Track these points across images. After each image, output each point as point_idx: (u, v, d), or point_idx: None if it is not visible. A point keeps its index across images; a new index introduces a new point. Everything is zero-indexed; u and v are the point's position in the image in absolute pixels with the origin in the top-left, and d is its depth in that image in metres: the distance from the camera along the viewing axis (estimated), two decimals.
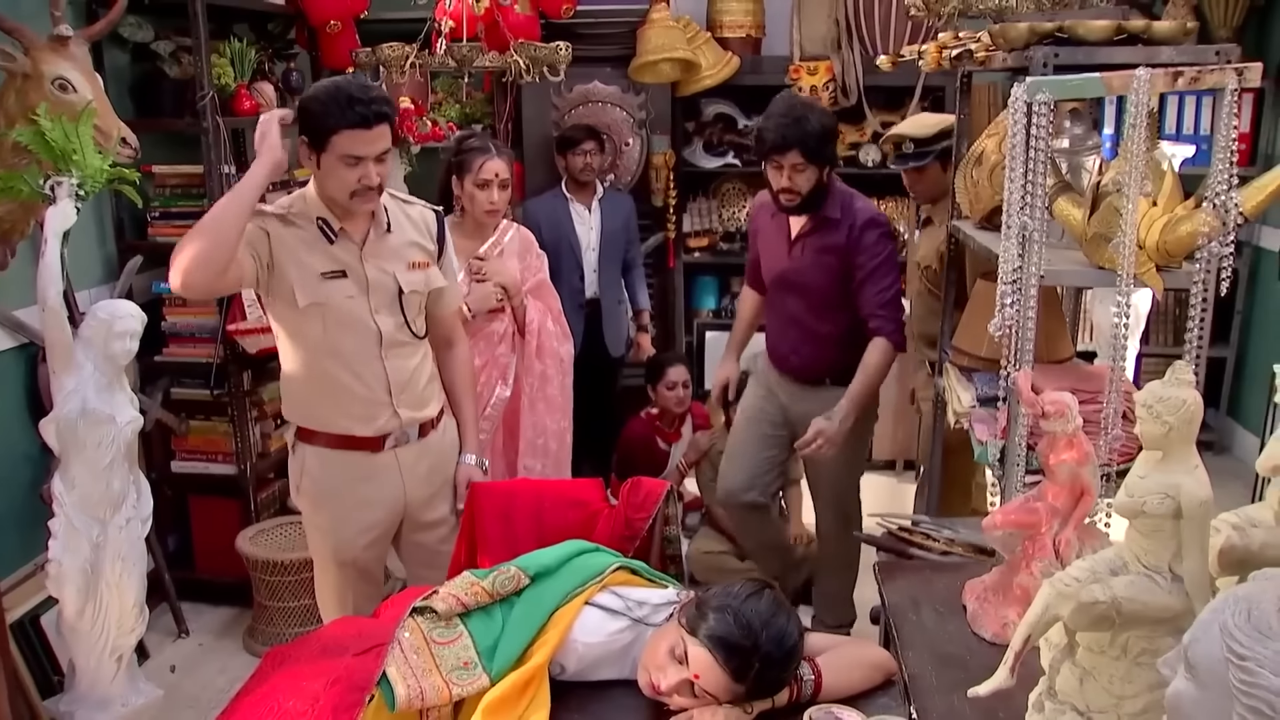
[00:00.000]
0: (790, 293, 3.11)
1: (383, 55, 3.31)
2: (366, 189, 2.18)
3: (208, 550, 3.71)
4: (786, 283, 3.11)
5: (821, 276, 3.03)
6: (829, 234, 2.99)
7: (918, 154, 3.29)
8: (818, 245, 3.01)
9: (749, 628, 1.62)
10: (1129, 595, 1.46)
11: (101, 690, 2.74)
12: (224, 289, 2.33)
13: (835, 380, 3.07)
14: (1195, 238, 1.99)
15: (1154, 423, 1.48)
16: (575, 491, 2.25)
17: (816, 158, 2.86)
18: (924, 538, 2.61)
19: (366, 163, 2.15)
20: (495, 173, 2.94)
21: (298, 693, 1.58)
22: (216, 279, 2.09)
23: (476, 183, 2.93)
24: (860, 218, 2.96)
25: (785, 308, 3.15)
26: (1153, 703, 1.50)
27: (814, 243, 3.01)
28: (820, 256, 3.01)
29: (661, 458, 4.01)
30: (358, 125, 2.12)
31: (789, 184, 2.90)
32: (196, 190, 3.46)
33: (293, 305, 2.24)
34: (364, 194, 2.20)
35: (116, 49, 3.50)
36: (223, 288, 2.27)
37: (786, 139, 2.83)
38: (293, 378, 2.37)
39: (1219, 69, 1.94)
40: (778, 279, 3.15)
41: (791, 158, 2.85)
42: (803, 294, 3.08)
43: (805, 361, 3.14)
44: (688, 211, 5.03)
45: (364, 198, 2.21)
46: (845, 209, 2.97)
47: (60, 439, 2.56)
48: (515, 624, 1.72)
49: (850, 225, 2.95)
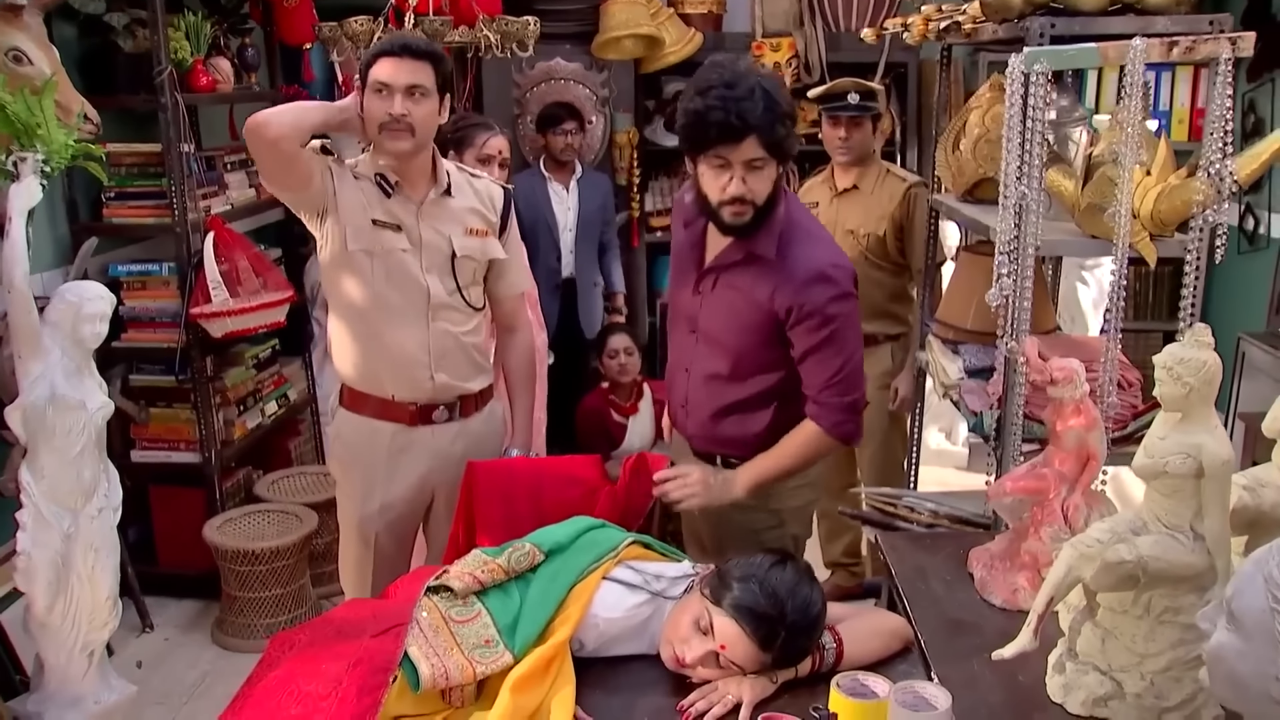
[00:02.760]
0: (688, 333, 2.23)
1: (349, 29, 3.23)
2: (394, 121, 2.18)
3: (171, 542, 3.60)
4: (685, 320, 2.25)
5: (731, 329, 2.14)
6: (753, 277, 2.08)
7: (861, 106, 3.20)
8: (734, 287, 2.11)
9: (775, 596, 1.61)
10: (1154, 554, 1.48)
11: (72, 688, 2.65)
12: (296, 171, 2.22)
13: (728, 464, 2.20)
14: (1190, 206, 2.03)
15: (1174, 384, 1.50)
16: (574, 469, 2.22)
17: (780, 151, 1.98)
18: (909, 511, 2.63)
19: (394, 94, 2.17)
20: (498, 149, 2.90)
21: (317, 676, 1.53)
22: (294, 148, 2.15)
23: (479, 158, 2.88)
24: (803, 270, 2.03)
25: (681, 347, 2.28)
26: (1176, 660, 1.52)
27: (730, 281, 2.12)
28: (734, 302, 2.12)
29: (618, 431, 3.96)
30: (388, 53, 2.18)
31: (742, 190, 1.97)
32: (154, 169, 3.35)
33: (344, 249, 2.26)
34: (393, 128, 2.19)
35: (64, 21, 3.35)
36: (296, 168, 2.21)
37: (742, 120, 1.91)
38: (338, 330, 2.37)
39: (1213, 38, 1.97)
40: (676, 311, 2.32)
41: (747, 149, 1.93)
42: (707, 342, 2.19)
43: (696, 427, 2.26)
44: (649, 190, 5.00)
45: (394, 134, 2.19)
46: (785, 251, 2.06)
47: (27, 427, 2.46)
48: (534, 600, 1.69)
49: (787, 279, 2.04)
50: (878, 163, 3.33)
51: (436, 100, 2.24)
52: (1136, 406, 2.32)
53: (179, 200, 3.31)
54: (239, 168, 3.77)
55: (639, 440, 3.82)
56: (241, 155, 3.79)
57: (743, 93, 1.91)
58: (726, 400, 2.19)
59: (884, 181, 3.26)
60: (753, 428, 2.19)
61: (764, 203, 2.01)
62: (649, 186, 4.98)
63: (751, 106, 1.91)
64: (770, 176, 2.00)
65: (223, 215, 3.49)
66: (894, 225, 3.20)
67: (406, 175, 2.30)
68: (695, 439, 2.29)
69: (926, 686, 1.53)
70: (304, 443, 4.16)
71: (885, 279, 3.28)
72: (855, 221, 3.29)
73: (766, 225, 2.05)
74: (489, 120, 3.00)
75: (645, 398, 3.86)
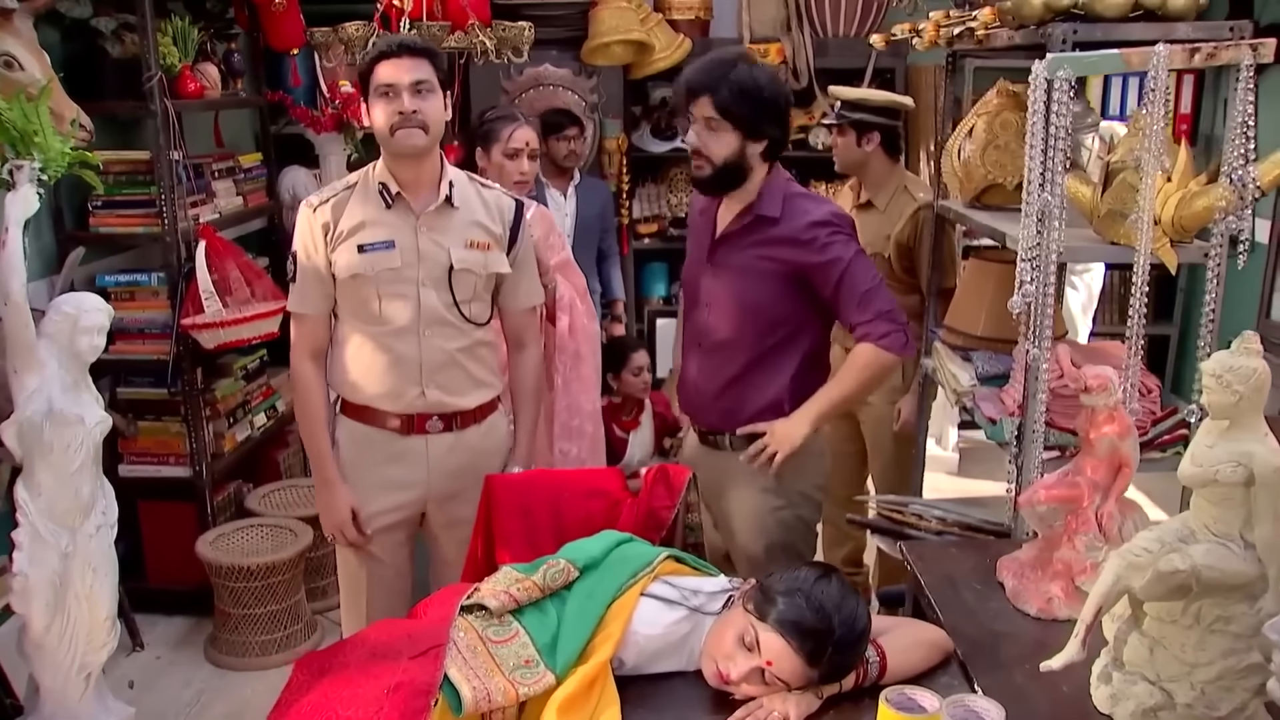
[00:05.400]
0: (702, 306, 2.38)
1: (343, 34, 3.17)
2: (405, 119, 2.17)
3: (160, 558, 3.51)
4: (697, 297, 2.40)
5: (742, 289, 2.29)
6: (763, 236, 2.27)
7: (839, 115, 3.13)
8: (744, 248, 2.29)
9: (822, 610, 1.58)
10: (1208, 563, 1.47)
11: (69, 710, 2.57)
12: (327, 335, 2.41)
13: (739, 443, 2.33)
14: (1212, 212, 2.03)
15: (1223, 392, 1.49)
16: (595, 481, 2.18)
17: (732, 115, 2.17)
18: (916, 518, 2.62)
19: (400, 92, 2.17)
20: (525, 141, 2.87)
21: (355, 700, 1.49)
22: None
23: (506, 152, 2.85)
24: (807, 218, 2.25)
25: (694, 323, 2.42)
26: (1227, 669, 1.51)
27: (740, 244, 2.30)
28: (744, 262, 2.29)
29: (619, 445, 3.94)
30: (386, 55, 2.19)
31: (697, 144, 2.22)
32: (143, 178, 3.26)
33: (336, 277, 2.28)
34: (404, 126, 2.18)
35: (48, 26, 3.25)
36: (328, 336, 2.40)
37: (698, 82, 2.19)
38: (337, 341, 2.37)
39: (1234, 44, 1.97)
40: (690, 291, 2.47)
41: (702, 108, 2.19)
42: (719, 312, 2.34)
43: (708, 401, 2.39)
44: (636, 197, 4.97)
45: (406, 131, 2.19)
46: (789, 207, 2.26)
47: (23, 443, 2.39)
48: (573, 618, 1.65)
49: (797, 224, 2.25)
50: (895, 177, 3.17)
51: (441, 95, 2.23)
52: (1155, 413, 2.32)
53: (169, 209, 3.23)
54: (226, 175, 3.69)
55: (640, 453, 3.80)
56: (229, 163, 3.72)
57: (713, 63, 2.22)
58: (737, 367, 2.32)
59: (897, 199, 3.12)
60: (764, 397, 2.32)
61: (721, 164, 2.23)
62: (636, 193, 4.96)
63: (711, 71, 2.20)
64: (727, 142, 2.21)
65: (211, 224, 3.42)
66: (898, 246, 3.08)
67: (411, 184, 2.27)
68: (706, 416, 2.43)
69: (978, 700, 1.51)
70: (293, 454, 4.08)
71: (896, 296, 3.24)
72: (864, 239, 3.23)
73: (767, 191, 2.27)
74: (512, 111, 2.97)
75: (646, 410, 3.83)
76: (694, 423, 2.51)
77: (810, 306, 2.31)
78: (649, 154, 4.94)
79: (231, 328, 3.22)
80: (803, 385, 2.32)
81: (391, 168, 2.26)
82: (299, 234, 2.28)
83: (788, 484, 2.34)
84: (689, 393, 2.46)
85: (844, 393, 2.29)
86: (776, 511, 2.36)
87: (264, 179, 4.05)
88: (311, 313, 2.31)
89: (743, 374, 2.33)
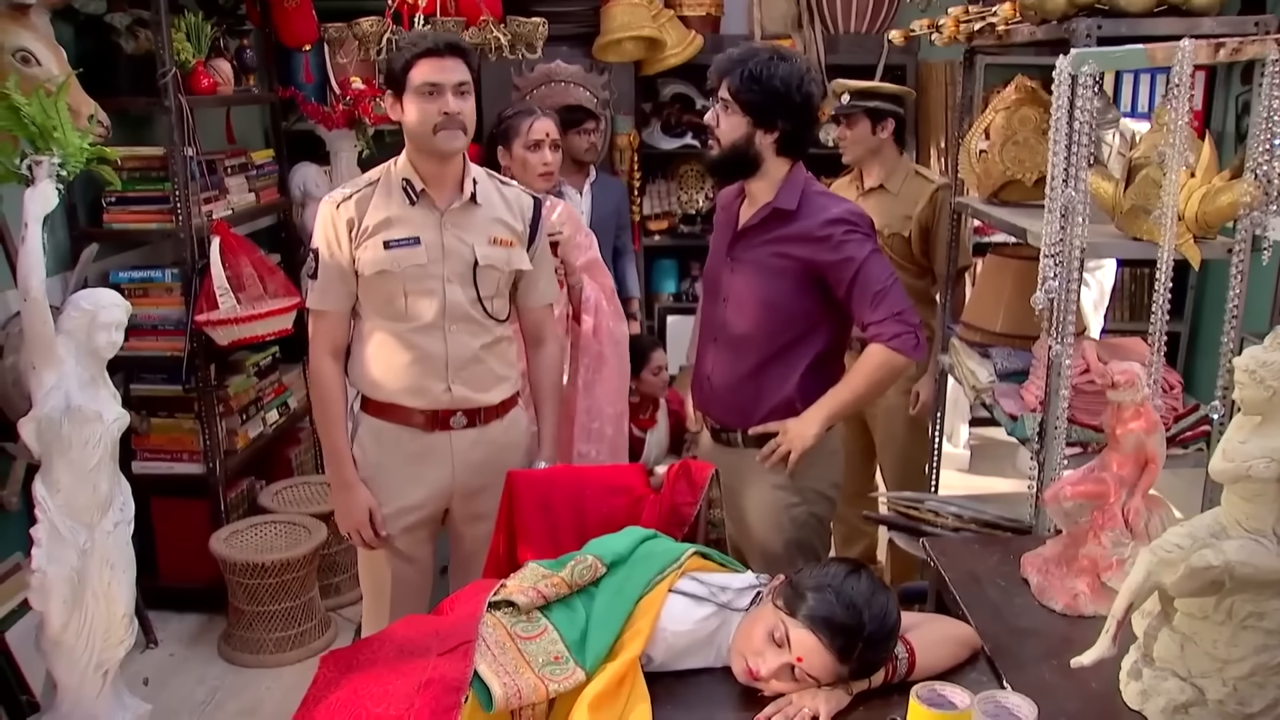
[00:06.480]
0: (719, 301, 2.41)
1: (359, 30, 3.17)
2: (449, 119, 2.18)
3: (173, 555, 3.51)
4: (717, 292, 2.42)
5: (760, 283, 2.31)
6: (779, 229, 2.29)
7: (850, 105, 3.17)
8: (763, 243, 2.31)
9: (853, 606, 1.58)
10: (1241, 559, 1.47)
11: (86, 708, 2.56)
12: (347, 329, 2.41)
13: (752, 441, 2.35)
14: (1236, 208, 2.03)
15: (1257, 387, 1.48)
16: (617, 477, 2.17)
17: (742, 100, 2.22)
18: (932, 515, 2.61)
19: (444, 92, 2.17)
20: (545, 132, 2.86)
21: (385, 697, 1.48)
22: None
23: (527, 145, 2.84)
24: (825, 213, 2.27)
25: (710, 318, 2.45)
26: (1260, 665, 1.51)
27: (759, 239, 2.32)
28: (762, 257, 2.32)
29: (637, 445, 3.94)
30: (431, 53, 2.17)
31: (712, 120, 2.29)
32: (157, 174, 3.26)
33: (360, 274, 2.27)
34: (448, 126, 2.18)
35: (62, 21, 3.25)
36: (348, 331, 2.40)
37: (723, 65, 2.27)
38: (359, 339, 2.35)
39: (1259, 39, 1.97)
40: (709, 286, 2.48)
41: (721, 89, 2.28)
42: (736, 306, 2.36)
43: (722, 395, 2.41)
44: (646, 194, 4.97)
45: (449, 133, 2.19)
46: (807, 203, 2.28)
47: (42, 439, 2.38)
48: (601, 615, 1.65)
49: (813, 221, 2.26)
50: (904, 163, 3.25)
51: (474, 96, 2.25)
52: (1177, 409, 2.32)
53: (182, 205, 3.23)
54: (239, 171, 3.69)
55: (656, 451, 3.81)
56: (241, 160, 3.72)
57: (743, 50, 2.28)
58: (752, 363, 2.34)
59: (911, 181, 3.19)
60: (777, 394, 2.33)
61: (729, 146, 2.28)
62: (646, 190, 4.96)
63: (732, 62, 2.25)
64: (736, 125, 2.26)
65: (224, 220, 3.41)
66: (919, 227, 3.14)
67: (435, 181, 2.27)
68: (718, 411, 2.44)
69: (1009, 696, 1.50)
70: (304, 451, 4.08)
71: (909, 280, 3.23)
72: (881, 221, 3.22)
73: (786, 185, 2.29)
74: (529, 105, 2.95)
75: (661, 409, 3.84)
76: (706, 418, 2.51)
77: (825, 305, 2.31)
78: (660, 150, 4.92)
79: (246, 324, 3.21)
80: (815, 384, 2.32)
81: (417, 164, 2.26)
82: (320, 230, 2.28)
83: (802, 481, 2.35)
84: (703, 387, 2.47)
85: (855, 393, 2.30)
86: (791, 509, 2.36)
87: (276, 175, 4.05)
88: (333, 310, 2.30)
89: (757, 370, 2.34)
